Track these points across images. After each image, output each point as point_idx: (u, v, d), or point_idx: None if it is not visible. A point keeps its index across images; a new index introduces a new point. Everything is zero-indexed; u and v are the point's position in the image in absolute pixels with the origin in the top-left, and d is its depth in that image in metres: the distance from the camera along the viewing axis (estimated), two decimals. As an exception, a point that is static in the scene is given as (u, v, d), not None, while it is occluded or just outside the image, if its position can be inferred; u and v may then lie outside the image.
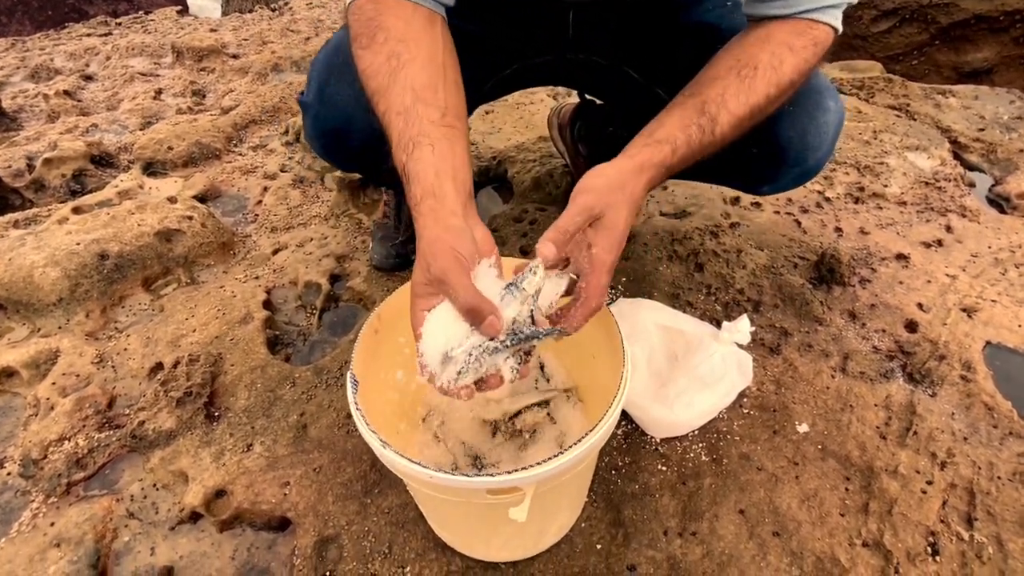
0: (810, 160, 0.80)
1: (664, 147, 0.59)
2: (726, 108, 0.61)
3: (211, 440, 0.89)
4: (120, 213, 1.29)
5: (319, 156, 0.93)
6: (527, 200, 1.39)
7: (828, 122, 0.77)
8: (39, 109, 2.12)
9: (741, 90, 0.61)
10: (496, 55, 0.93)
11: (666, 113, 0.63)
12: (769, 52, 0.62)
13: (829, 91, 0.78)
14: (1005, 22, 1.94)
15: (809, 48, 0.63)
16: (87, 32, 3.30)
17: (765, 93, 0.62)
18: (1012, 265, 1.17)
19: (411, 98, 0.59)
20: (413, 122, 0.59)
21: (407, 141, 0.58)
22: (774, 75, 0.62)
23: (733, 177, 0.92)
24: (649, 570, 0.71)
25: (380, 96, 0.61)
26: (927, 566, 0.71)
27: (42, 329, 1.11)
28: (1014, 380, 0.94)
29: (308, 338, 1.10)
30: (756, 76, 0.61)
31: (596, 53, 0.93)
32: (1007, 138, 1.60)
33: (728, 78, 0.62)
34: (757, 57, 0.62)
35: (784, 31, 0.63)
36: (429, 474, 0.50)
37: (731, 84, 0.61)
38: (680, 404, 0.84)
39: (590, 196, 0.55)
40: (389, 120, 0.60)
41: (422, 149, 0.58)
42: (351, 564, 0.73)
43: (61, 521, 0.80)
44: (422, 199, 0.56)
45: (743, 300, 1.09)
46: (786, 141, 0.77)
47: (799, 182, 0.86)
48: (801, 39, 0.63)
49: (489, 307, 0.51)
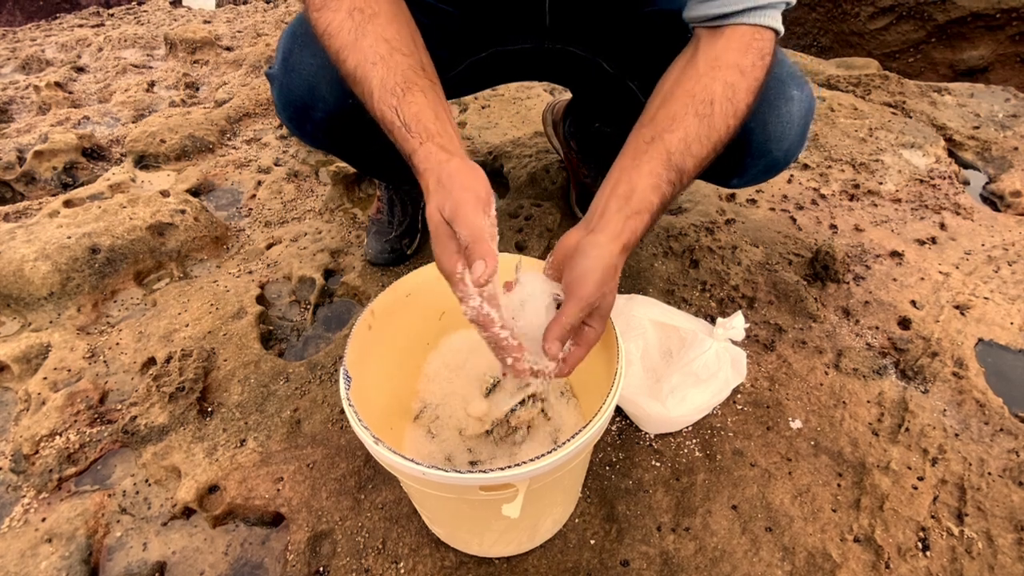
0: (775, 151, 0.77)
1: (644, 216, 0.58)
2: (691, 155, 0.60)
3: (204, 435, 0.89)
4: (112, 206, 1.27)
5: (288, 129, 0.91)
6: (523, 195, 1.39)
7: (791, 111, 0.75)
8: (30, 101, 2.09)
9: (702, 132, 0.60)
10: (470, 35, 0.90)
11: (634, 166, 0.60)
12: (722, 82, 0.61)
13: (794, 79, 0.75)
14: (1001, 20, 1.95)
15: (758, 65, 0.62)
16: (79, 23, 3.26)
17: (725, 126, 0.61)
18: (1005, 263, 1.17)
19: (386, 48, 0.57)
20: (396, 69, 0.57)
21: (394, 86, 0.56)
22: (730, 106, 0.61)
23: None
24: (642, 565, 0.72)
25: (348, 51, 0.58)
26: (917, 561, 0.71)
27: (33, 323, 1.10)
28: (1005, 377, 0.95)
29: (302, 333, 1.10)
30: (713, 113, 0.60)
31: (573, 43, 0.92)
32: (1002, 136, 1.60)
33: (687, 119, 0.60)
34: (711, 89, 0.61)
35: (732, 50, 0.62)
36: (422, 471, 0.50)
37: (691, 126, 0.60)
38: (674, 400, 0.84)
39: (588, 288, 0.54)
40: (364, 71, 0.57)
41: (414, 93, 0.56)
42: (344, 559, 0.73)
43: (53, 516, 0.80)
44: (428, 139, 0.54)
45: (738, 296, 1.09)
46: (747, 132, 0.73)
47: (769, 174, 0.84)
48: (749, 56, 0.62)
49: (485, 250, 0.50)
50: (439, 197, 0.52)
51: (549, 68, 1.02)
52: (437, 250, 0.53)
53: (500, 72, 1.02)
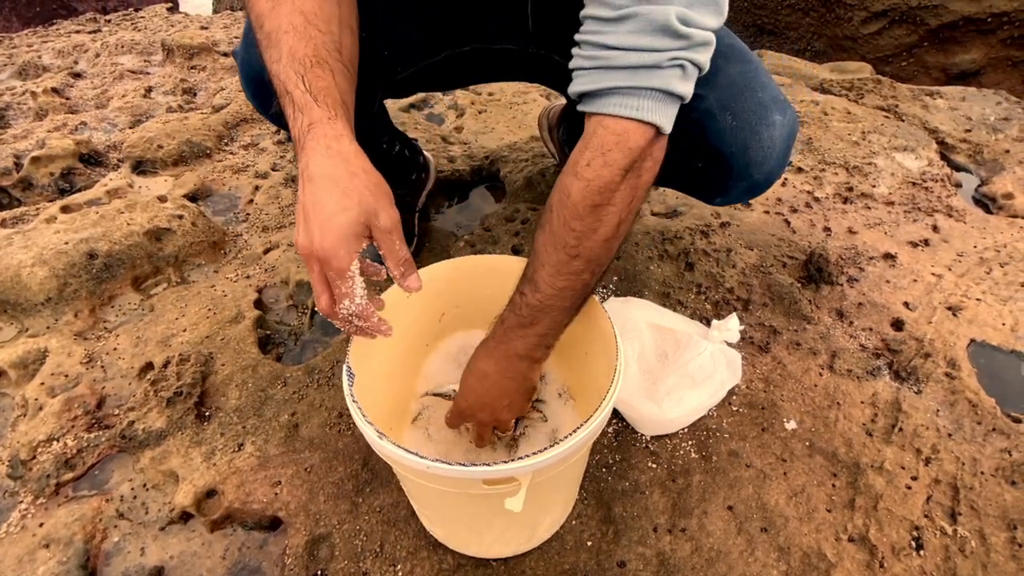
0: (755, 175, 0.76)
1: (542, 325, 0.61)
2: (598, 262, 0.60)
3: (202, 440, 0.89)
4: (109, 212, 1.28)
5: (254, 106, 0.88)
6: (519, 199, 1.40)
7: (773, 136, 0.73)
8: (27, 107, 2.09)
9: (604, 237, 0.58)
10: (450, 26, 0.88)
11: (542, 269, 0.60)
12: (623, 191, 0.57)
13: (777, 104, 0.73)
14: (993, 24, 1.97)
15: (653, 169, 0.59)
16: (76, 29, 3.26)
17: (619, 224, 0.59)
18: (997, 264, 1.18)
19: (302, 21, 0.55)
20: (309, 42, 0.54)
21: (303, 57, 0.53)
22: (565, 212, 0.58)
23: (687, 188, 0.90)
24: (639, 566, 0.72)
25: (265, 18, 0.55)
26: (911, 560, 0.72)
27: (30, 329, 1.10)
28: (998, 377, 0.96)
29: (299, 337, 1.10)
30: (553, 229, 0.59)
31: (557, 51, 0.90)
32: (993, 139, 1.62)
33: (548, 252, 0.60)
34: (612, 198, 0.57)
35: (579, 151, 0.58)
36: (427, 464, 0.50)
37: (552, 257, 0.59)
38: (670, 402, 0.84)
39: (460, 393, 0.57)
40: (277, 39, 0.54)
41: (323, 68, 0.53)
42: (342, 563, 0.74)
43: (50, 522, 0.80)
44: (324, 121, 0.50)
45: (733, 299, 1.10)
46: (728, 156, 0.74)
47: (752, 194, 0.83)
48: (648, 163, 0.58)
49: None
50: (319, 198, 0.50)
51: (536, 72, 1.01)
52: (341, 250, 0.50)
53: (483, 70, 1.00)
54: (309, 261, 0.51)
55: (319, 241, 0.49)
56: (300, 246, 0.51)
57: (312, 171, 0.50)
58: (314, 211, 0.50)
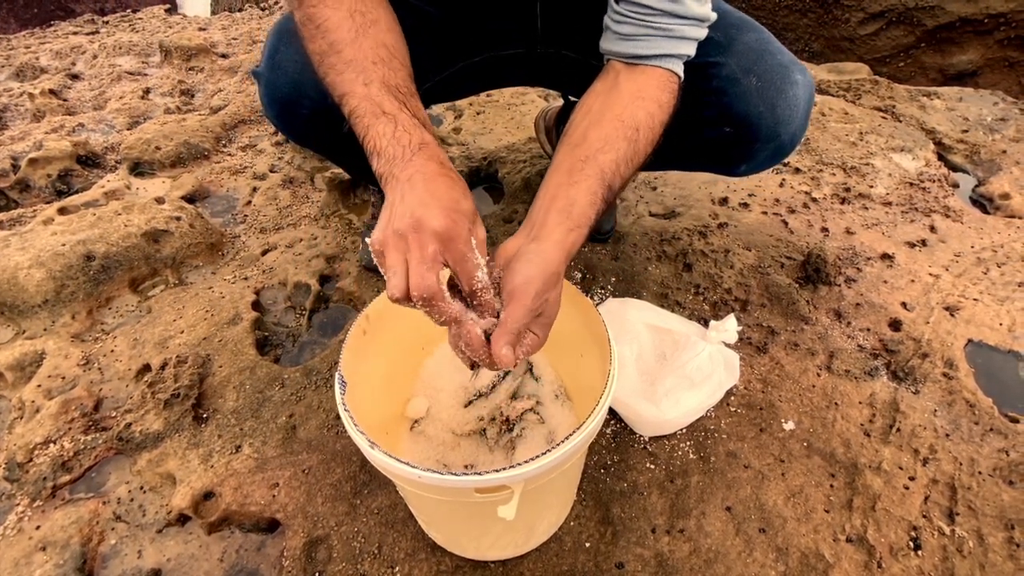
0: (783, 135, 0.81)
1: (583, 230, 0.61)
2: (619, 175, 0.65)
3: (199, 442, 0.89)
4: (107, 214, 1.27)
5: (276, 126, 0.91)
6: (517, 200, 1.40)
7: (797, 95, 0.79)
8: (24, 108, 2.09)
9: (630, 155, 0.65)
10: (462, 39, 0.92)
11: (571, 183, 0.62)
12: (646, 112, 0.67)
13: (796, 65, 0.80)
14: (990, 25, 1.97)
15: (671, 103, 0.69)
16: (73, 30, 3.26)
17: (645, 152, 0.67)
18: (994, 264, 1.19)
19: (387, 53, 0.59)
20: (397, 73, 0.58)
21: (396, 85, 0.57)
22: (651, 134, 0.67)
23: (710, 160, 0.93)
24: (637, 567, 0.72)
25: (345, 45, 0.59)
26: (909, 560, 0.72)
27: (27, 331, 1.09)
28: (995, 377, 0.96)
29: (297, 339, 1.10)
30: (639, 138, 0.66)
31: (566, 46, 0.93)
32: (990, 139, 1.62)
33: (618, 142, 0.64)
34: (637, 118, 0.66)
35: (652, 87, 0.68)
36: (418, 474, 0.50)
37: (622, 150, 0.64)
38: (668, 402, 0.84)
39: (532, 294, 0.54)
40: (363, 66, 0.58)
41: (418, 100, 0.57)
42: (340, 565, 0.73)
43: (47, 524, 0.80)
44: (433, 144, 0.55)
45: (731, 299, 1.10)
46: (757, 116, 0.79)
47: (775, 159, 0.88)
48: (666, 94, 0.68)
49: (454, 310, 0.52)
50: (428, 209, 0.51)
51: (542, 73, 1.03)
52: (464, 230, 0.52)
53: (496, 77, 1.03)
54: (419, 238, 0.50)
55: (442, 220, 0.50)
56: (414, 225, 0.50)
57: (428, 172, 0.54)
58: (434, 198, 0.52)
